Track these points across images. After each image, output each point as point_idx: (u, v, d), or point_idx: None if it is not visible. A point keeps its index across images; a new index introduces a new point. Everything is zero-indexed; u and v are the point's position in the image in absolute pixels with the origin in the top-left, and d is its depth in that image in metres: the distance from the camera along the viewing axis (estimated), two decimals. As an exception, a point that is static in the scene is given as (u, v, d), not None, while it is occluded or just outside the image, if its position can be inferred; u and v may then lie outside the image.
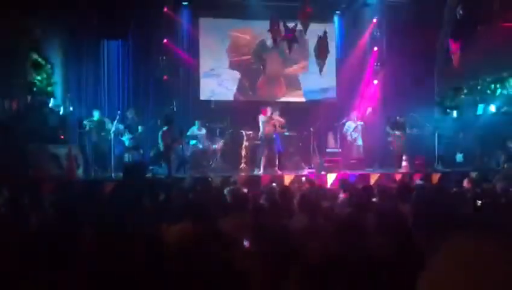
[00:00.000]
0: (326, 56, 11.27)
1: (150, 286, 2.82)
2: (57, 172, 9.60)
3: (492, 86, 12.99)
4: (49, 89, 10.97)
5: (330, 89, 14.07)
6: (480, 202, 6.25)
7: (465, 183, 8.28)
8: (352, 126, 12.22)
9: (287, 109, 12.40)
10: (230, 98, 13.65)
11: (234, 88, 13.70)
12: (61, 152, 9.86)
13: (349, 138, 12.20)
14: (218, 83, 13.59)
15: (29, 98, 10.50)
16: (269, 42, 12.08)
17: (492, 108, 12.87)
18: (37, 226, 4.81)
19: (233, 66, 13.70)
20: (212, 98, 13.43)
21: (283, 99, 13.61)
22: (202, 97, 13.37)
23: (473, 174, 9.85)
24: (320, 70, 11.40)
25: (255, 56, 13.27)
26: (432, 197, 6.01)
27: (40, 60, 10.78)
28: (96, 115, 11.21)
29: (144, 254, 3.79)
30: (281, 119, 11.37)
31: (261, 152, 11.28)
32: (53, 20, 11.00)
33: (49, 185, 8.80)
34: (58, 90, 11.40)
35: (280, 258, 3.40)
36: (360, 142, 12.15)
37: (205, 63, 13.48)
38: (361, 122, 12.31)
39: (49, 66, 10.99)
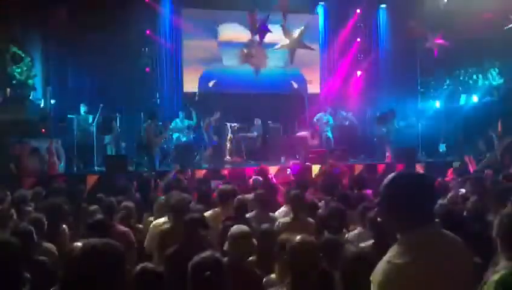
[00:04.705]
0: (295, 49, 11.16)
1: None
2: (38, 166, 9.44)
3: (474, 76, 13.11)
4: (29, 81, 10.78)
5: (314, 80, 14.06)
6: (463, 190, 6.30)
7: (449, 173, 8.38)
8: (322, 118, 12.15)
9: (273, 101, 12.38)
10: (215, 90, 13.54)
11: (218, 80, 13.59)
12: (43, 146, 9.69)
13: (319, 128, 12.13)
14: (202, 75, 13.47)
15: (8, 90, 10.30)
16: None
17: (475, 98, 12.99)
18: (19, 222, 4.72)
19: (218, 57, 13.58)
20: (196, 90, 13.30)
21: (269, 91, 13.54)
22: (186, 89, 13.24)
23: (456, 164, 9.96)
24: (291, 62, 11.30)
25: (242, 49, 13.20)
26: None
27: (19, 52, 10.57)
28: (82, 108, 11.07)
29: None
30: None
31: None
32: (33, 12, 10.76)
33: (31, 179, 8.67)
34: (38, 83, 11.19)
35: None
36: (330, 134, 12.11)
37: (189, 55, 13.33)
38: (331, 117, 12.23)
39: (28, 58, 10.78)
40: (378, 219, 3.76)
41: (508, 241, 2.43)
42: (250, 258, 3.48)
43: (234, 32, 13.47)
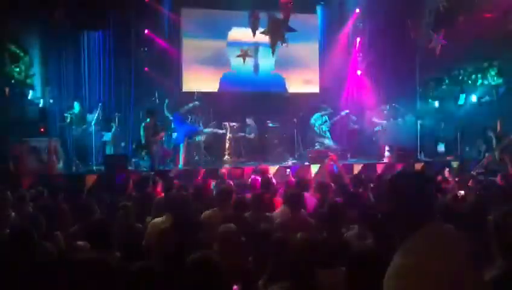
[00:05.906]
0: (276, 41, 11.02)
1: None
2: (37, 166, 9.44)
3: (474, 76, 13.11)
4: (28, 80, 10.76)
5: (313, 80, 14.05)
6: (462, 192, 6.30)
7: (446, 173, 8.39)
8: (320, 119, 12.14)
9: (271, 100, 12.35)
10: (214, 89, 13.53)
11: (218, 80, 13.58)
12: (42, 145, 9.69)
13: (316, 130, 12.13)
14: (202, 74, 13.45)
15: (7, 90, 10.28)
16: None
17: (474, 98, 13.00)
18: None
19: (217, 57, 13.56)
20: (195, 90, 13.28)
21: (268, 89, 13.53)
22: (185, 89, 13.23)
23: (454, 164, 9.98)
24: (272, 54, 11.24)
25: (241, 49, 13.19)
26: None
27: (18, 51, 10.55)
28: (76, 107, 11.05)
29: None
30: None
31: None
32: (32, 11, 10.75)
33: (30, 179, 8.67)
34: (37, 82, 11.18)
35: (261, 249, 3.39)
36: (328, 134, 12.10)
37: (188, 54, 13.32)
38: (327, 118, 12.21)
39: (27, 57, 10.77)
40: (379, 218, 3.78)
41: (502, 241, 2.45)
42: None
43: (234, 32, 13.46)
